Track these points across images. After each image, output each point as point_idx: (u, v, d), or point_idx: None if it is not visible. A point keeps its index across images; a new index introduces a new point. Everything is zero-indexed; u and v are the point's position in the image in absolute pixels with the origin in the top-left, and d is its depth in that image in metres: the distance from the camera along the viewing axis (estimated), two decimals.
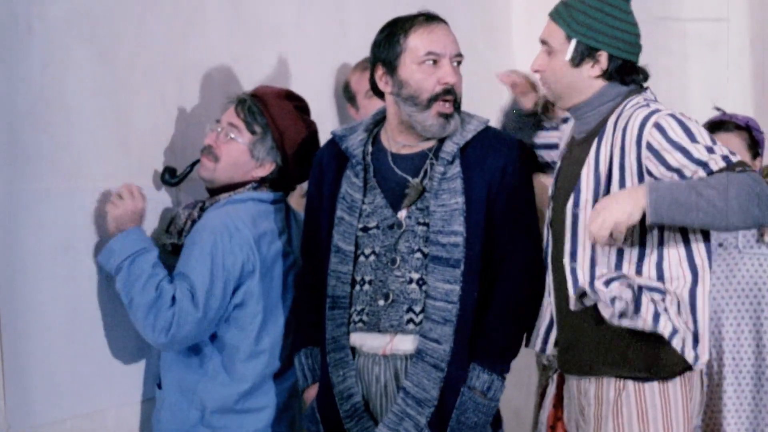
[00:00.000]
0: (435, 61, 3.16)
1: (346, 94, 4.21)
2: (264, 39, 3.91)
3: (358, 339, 3.20)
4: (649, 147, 2.96)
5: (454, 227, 3.15)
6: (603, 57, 3.06)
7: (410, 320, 3.15)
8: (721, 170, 2.90)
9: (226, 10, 3.75)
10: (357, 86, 4.14)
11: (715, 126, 3.86)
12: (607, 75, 3.08)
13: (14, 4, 3.01)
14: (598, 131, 3.08)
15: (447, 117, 3.17)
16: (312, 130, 3.46)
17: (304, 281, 3.35)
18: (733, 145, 3.79)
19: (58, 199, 3.11)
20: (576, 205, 3.06)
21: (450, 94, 3.16)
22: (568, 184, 3.12)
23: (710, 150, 2.93)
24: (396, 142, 3.24)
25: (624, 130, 3.01)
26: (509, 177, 3.19)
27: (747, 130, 3.85)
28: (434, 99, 3.16)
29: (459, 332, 3.13)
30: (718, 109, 4.00)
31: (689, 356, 2.98)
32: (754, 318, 3.77)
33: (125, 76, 3.34)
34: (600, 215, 2.91)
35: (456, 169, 3.17)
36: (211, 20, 3.68)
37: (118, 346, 3.28)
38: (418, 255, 3.16)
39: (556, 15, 3.11)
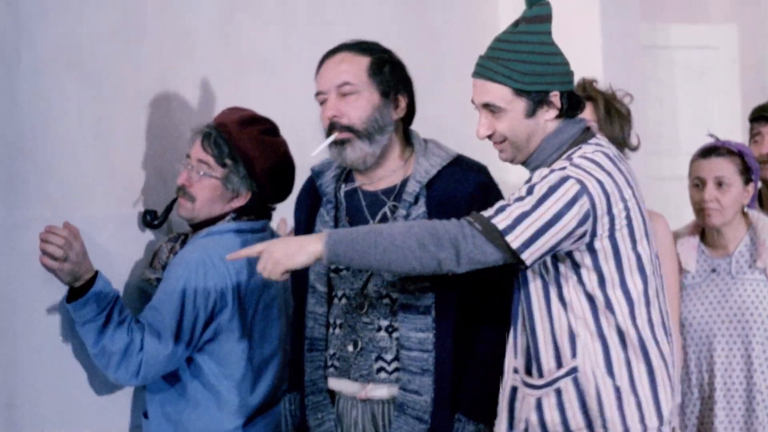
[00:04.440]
0: (324, 101, 3.14)
1: None
2: (252, 68, 3.92)
3: (335, 384, 3.14)
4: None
5: None
6: (556, 97, 2.93)
7: (381, 369, 3.07)
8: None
9: (214, 40, 3.75)
10: None
11: (708, 152, 3.88)
12: (561, 113, 2.94)
13: (2, 33, 3.01)
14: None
15: (339, 145, 3.10)
16: (282, 151, 3.41)
17: (293, 321, 3.30)
18: (725, 170, 3.81)
19: (44, 227, 3.07)
20: None
21: (334, 128, 3.10)
22: None
23: (501, 209, 2.84)
24: (358, 178, 3.19)
25: None
26: (477, 204, 3.03)
27: (740, 155, 3.86)
28: (328, 135, 3.11)
29: (438, 381, 3.04)
30: (711, 135, 4.02)
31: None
32: (745, 342, 3.76)
33: (112, 105, 3.34)
34: (263, 257, 2.88)
35: (421, 209, 3.07)
36: (199, 50, 3.69)
37: (105, 374, 3.24)
38: (386, 300, 3.07)
39: (488, 73, 2.91)
